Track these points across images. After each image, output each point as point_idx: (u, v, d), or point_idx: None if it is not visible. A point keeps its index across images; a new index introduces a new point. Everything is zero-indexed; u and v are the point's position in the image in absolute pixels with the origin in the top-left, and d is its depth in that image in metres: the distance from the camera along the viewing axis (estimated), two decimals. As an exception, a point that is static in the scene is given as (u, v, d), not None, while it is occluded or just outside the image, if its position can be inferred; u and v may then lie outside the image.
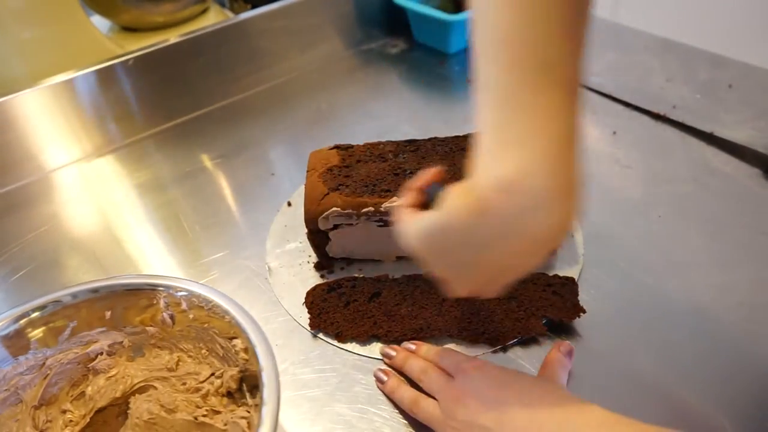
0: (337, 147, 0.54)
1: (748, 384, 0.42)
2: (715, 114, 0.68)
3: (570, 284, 0.48)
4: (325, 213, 0.48)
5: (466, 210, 0.30)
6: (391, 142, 0.54)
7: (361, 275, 0.52)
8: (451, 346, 0.46)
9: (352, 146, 0.54)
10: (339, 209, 0.48)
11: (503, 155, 0.29)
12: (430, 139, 0.54)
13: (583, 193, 0.30)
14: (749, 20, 0.94)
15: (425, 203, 0.37)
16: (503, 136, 0.29)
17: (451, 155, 0.51)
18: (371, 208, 0.47)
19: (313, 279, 0.53)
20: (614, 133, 0.67)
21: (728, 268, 0.50)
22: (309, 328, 0.48)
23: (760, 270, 0.50)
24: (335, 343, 0.47)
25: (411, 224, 0.35)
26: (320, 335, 0.48)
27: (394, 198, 0.47)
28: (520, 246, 0.30)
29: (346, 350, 0.47)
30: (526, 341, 0.45)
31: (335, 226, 0.50)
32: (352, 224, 0.49)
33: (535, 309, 0.46)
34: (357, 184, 0.49)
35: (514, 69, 0.28)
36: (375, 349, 0.46)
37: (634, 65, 0.78)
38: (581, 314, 0.46)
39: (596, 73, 0.77)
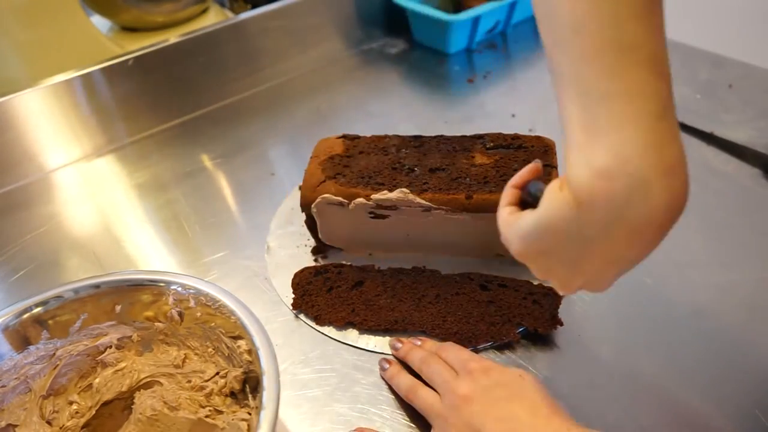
0: (344, 136, 0.55)
1: (748, 384, 0.42)
2: (715, 114, 0.67)
3: (552, 295, 0.47)
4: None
5: (567, 204, 0.29)
6: (398, 136, 0.54)
7: (350, 263, 0.53)
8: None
9: (359, 137, 0.55)
10: (332, 197, 0.49)
11: (594, 146, 0.27)
12: (435, 137, 0.54)
13: (686, 170, 0.28)
14: (749, 20, 0.94)
15: (524, 201, 0.36)
16: (591, 127, 0.28)
17: (453, 154, 0.51)
18: (362, 200, 0.48)
19: (307, 262, 0.54)
20: (614, 133, 0.67)
21: (728, 268, 0.50)
22: (291, 308, 0.49)
23: (760, 270, 0.50)
24: (335, 337, 0.47)
25: (511, 228, 0.34)
26: (301, 316, 0.49)
27: (386, 191, 0.48)
28: (628, 233, 0.29)
29: (332, 337, 0.47)
30: (500, 346, 0.45)
31: None
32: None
33: (512, 316, 0.46)
34: (354, 174, 0.50)
35: (594, 56, 0.27)
36: (351, 335, 0.47)
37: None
38: (558, 326, 0.45)
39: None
